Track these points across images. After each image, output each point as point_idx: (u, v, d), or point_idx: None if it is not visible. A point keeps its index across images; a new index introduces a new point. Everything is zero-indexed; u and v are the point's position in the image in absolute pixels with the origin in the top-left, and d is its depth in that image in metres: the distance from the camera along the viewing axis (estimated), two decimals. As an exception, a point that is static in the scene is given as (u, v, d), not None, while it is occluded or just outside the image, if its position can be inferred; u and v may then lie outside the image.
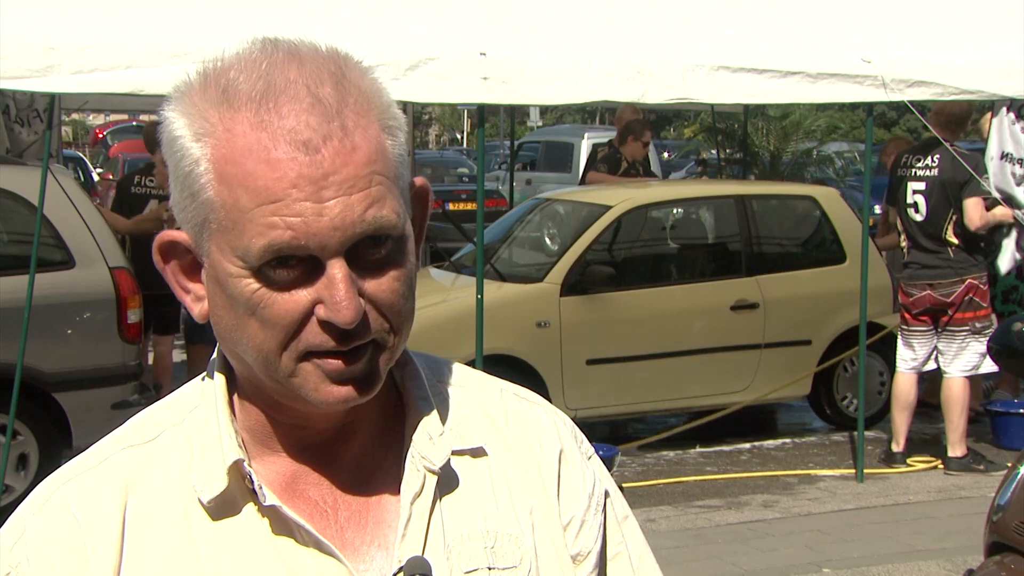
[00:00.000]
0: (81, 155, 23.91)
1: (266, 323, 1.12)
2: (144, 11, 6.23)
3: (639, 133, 10.22)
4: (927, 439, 8.35)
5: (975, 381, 8.01)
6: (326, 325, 1.12)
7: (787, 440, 8.65)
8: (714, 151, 17.15)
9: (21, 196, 6.61)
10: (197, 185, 1.13)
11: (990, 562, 3.95)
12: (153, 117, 14.27)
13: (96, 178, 23.40)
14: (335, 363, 1.13)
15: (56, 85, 5.74)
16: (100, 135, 31.82)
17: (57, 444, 6.62)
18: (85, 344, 6.77)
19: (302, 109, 1.10)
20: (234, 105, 1.12)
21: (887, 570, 5.92)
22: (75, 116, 36.71)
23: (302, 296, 1.12)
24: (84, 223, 6.74)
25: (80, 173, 18.41)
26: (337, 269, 1.11)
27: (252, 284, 1.12)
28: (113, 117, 35.86)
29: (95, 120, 40.55)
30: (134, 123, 31.46)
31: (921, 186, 7.52)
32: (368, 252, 1.13)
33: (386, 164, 1.14)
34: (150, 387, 7.22)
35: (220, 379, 1.23)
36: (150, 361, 8.45)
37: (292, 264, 1.11)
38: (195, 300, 1.20)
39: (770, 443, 8.54)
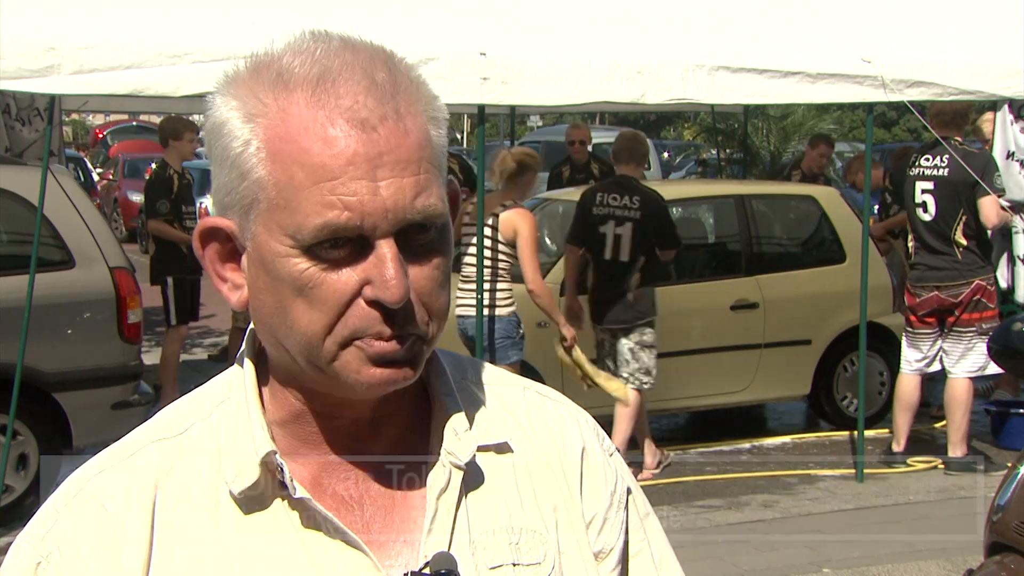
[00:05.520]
0: (81, 155, 23.89)
1: (314, 304, 1.13)
2: (144, 11, 6.23)
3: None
4: (927, 439, 8.35)
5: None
6: (374, 305, 1.12)
7: (787, 440, 8.65)
8: (714, 151, 17.15)
9: (21, 196, 6.61)
10: (247, 165, 1.14)
11: (990, 562, 3.95)
12: (154, 117, 14.29)
13: (96, 178, 23.40)
14: (380, 344, 1.14)
15: (56, 85, 5.73)
16: (100, 135, 31.81)
17: (57, 444, 6.61)
18: (85, 344, 6.76)
19: (360, 90, 1.13)
20: (289, 86, 1.13)
21: (887, 570, 5.92)
22: (75, 116, 36.66)
23: (351, 277, 1.13)
24: (84, 223, 6.74)
25: (80, 173, 18.42)
26: (387, 248, 1.12)
27: (301, 263, 1.12)
28: (113, 117, 35.84)
29: (95, 120, 40.55)
30: (134, 123, 31.48)
31: (930, 185, 7.39)
32: (415, 237, 1.14)
33: (433, 152, 1.16)
34: (149, 388, 7.21)
35: (250, 369, 1.24)
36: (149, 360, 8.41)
37: (342, 244, 1.12)
38: (232, 288, 1.20)
39: (770, 443, 8.54)
